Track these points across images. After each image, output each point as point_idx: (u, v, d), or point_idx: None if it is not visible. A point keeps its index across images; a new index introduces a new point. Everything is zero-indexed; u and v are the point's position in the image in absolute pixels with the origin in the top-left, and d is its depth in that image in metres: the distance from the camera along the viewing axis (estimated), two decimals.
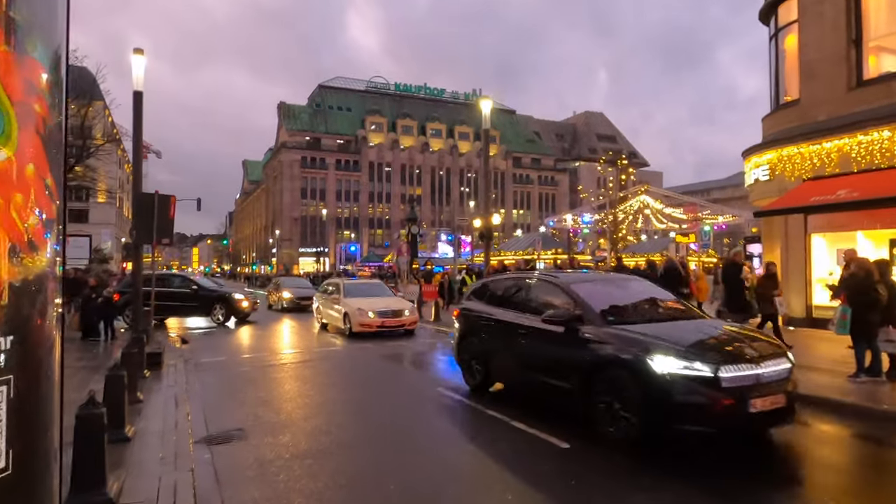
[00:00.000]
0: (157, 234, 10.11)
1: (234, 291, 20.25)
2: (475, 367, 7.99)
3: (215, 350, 13.03)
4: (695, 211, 47.50)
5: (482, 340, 7.88)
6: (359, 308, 14.47)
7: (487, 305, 8.03)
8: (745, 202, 79.28)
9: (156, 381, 8.84)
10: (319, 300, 17.51)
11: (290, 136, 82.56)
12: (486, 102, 17.93)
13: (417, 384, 9.37)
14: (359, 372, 10.74)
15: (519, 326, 7.13)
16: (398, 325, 14.59)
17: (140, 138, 11.79)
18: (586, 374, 5.95)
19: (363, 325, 14.22)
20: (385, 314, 14.56)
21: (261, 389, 8.70)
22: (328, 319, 16.38)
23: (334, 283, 17.21)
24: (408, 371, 10.72)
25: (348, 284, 16.58)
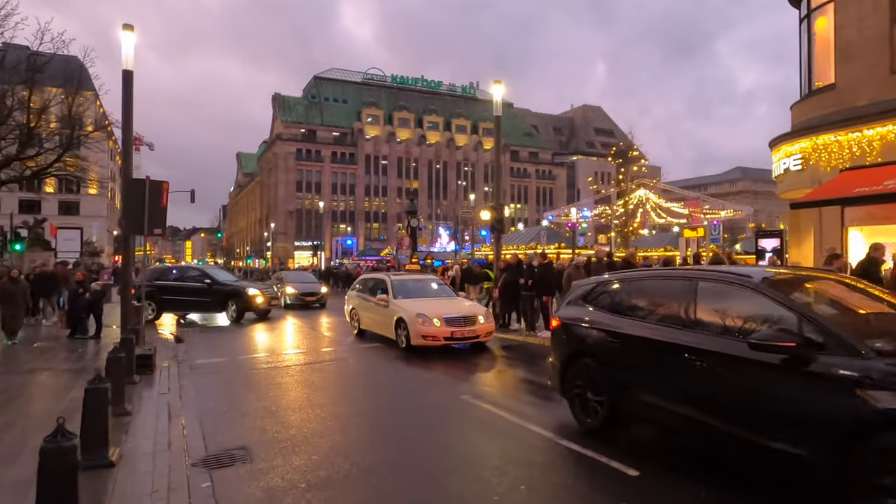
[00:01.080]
0: (148, 224, 9.16)
1: (250, 286, 18.70)
2: (592, 401, 5.81)
3: (213, 350, 12.10)
4: (696, 205, 46.87)
5: (607, 365, 5.69)
6: (419, 314, 11.00)
7: (612, 315, 5.82)
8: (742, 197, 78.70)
9: (146, 387, 7.92)
10: (354, 301, 14.24)
11: (285, 128, 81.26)
12: (497, 88, 17.07)
13: (474, 411, 6.98)
14: (381, 377, 9.84)
15: (684, 349, 4.78)
16: (471, 335, 11.06)
17: (130, 121, 10.83)
18: (843, 437, 3.71)
19: (427, 335, 10.81)
20: (455, 321, 11.00)
21: (265, 397, 7.78)
22: (370, 326, 13.26)
23: (376, 279, 13.76)
24: (439, 380, 9.53)
25: (397, 281, 12.94)
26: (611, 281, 6.32)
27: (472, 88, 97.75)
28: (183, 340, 13.47)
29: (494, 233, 16.79)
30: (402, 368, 10.13)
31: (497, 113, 17.02)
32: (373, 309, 12.94)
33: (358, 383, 9.03)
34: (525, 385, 8.58)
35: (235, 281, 19.31)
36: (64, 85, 27.69)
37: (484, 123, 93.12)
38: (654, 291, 5.70)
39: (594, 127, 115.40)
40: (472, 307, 12.20)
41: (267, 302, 17.54)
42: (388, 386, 8.85)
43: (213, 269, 22.74)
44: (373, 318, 12.99)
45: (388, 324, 11.90)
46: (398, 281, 12.99)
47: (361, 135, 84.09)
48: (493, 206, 17.00)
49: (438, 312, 11.12)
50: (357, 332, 13.74)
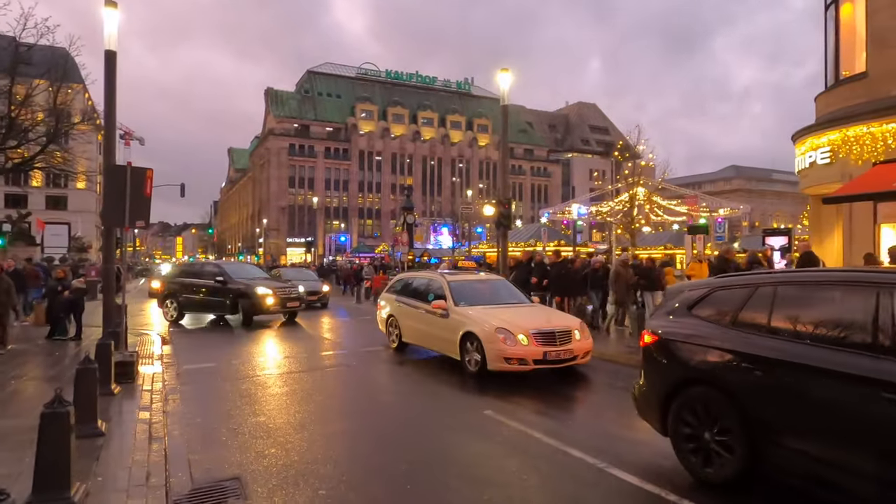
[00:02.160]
0: (129, 216, 8.23)
1: (260, 284, 15.70)
2: (713, 445, 4.34)
3: (203, 354, 11.11)
4: (695, 203, 46.23)
5: (740, 398, 4.20)
6: (500, 328, 8.33)
7: (747, 332, 4.32)
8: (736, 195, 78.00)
9: (126, 399, 7.00)
10: (391, 306, 11.39)
11: (278, 123, 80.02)
12: (504, 76, 16.22)
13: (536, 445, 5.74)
14: (390, 385, 8.98)
15: (880, 384, 3.46)
16: (567, 357, 8.43)
17: (113, 105, 9.90)
18: None
19: (511, 357, 8.14)
20: (547, 338, 8.37)
21: (262, 411, 6.89)
22: (417, 338, 10.51)
23: (426, 281, 10.82)
24: (456, 392, 8.55)
25: (457, 283, 10.16)
26: (742, 286, 4.62)
27: (466, 84, 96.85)
28: (169, 342, 12.56)
29: (501, 228, 15.94)
30: (411, 375, 9.29)
31: (504, 102, 16.20)
32: (422, 318, 10.13)
33: (364, 394, 8.15)
34: (567, 401, 7.61)
35: (252, 279, 16.25)
36: (48, 73, 26.53)
37: (479, 120, 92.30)
38: (822, 302, 4.16)
39: (589, 124, 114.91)
40: (564, 318, 9.51)
41: (280, 303, 15.30)
42: (399, 398, 7.99)
43: (235, 265, 20.64)
44: (422, 329, 10.17)
45: (449, 339, 9.16)
46: (458, 283, 10.16)
47: (355, 130, 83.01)
48: (498, 199, 16.15)
49: (523, 325, 8.41)
50: (397, 345, 11.07)
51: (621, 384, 8.08)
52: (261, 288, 15.26)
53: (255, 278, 16.41)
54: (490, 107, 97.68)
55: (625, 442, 5.67)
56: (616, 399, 7.56)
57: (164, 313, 16.71)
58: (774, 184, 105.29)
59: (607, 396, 7.99)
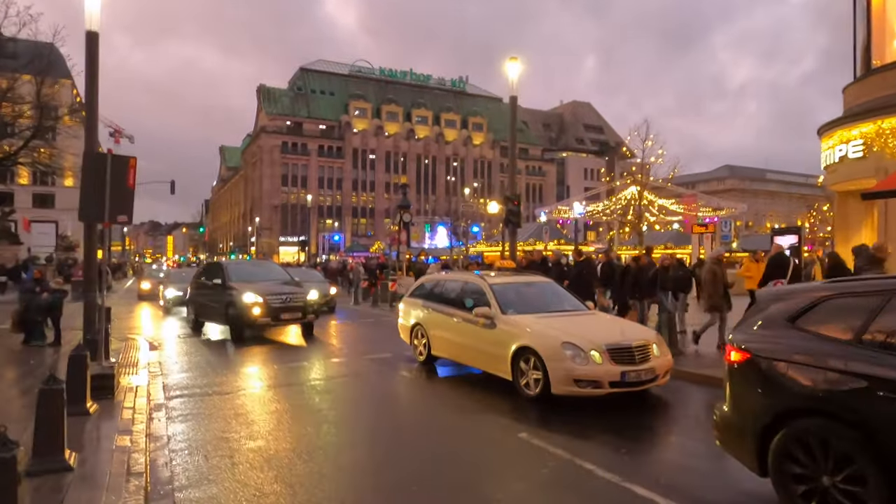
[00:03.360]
0: (110, 210, 7.30)
1: (248, 289, 12.39)
2: (837, 496, 3.44)
3: (195, 361, 10.18)
4: (694, 202, 45.65)
5: (878, 439, 3.27)
6: (567, 342, 6.86)
7: (881, 352, 3.43)
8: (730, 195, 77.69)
9: (104, 420, 6.08)
10: (418, 312, 9.78)
11: (270, 121, 78.87)
12: (513, 65, 15.37)
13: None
14: (406, 401, 8.07)
15: None
16: (648, 378, 6.94)
17: (95, 88, 8.98)
18: None
19: (582, 378, 6.67)
20: (623, 355, 6.89)
21: (261, 433, 6.00)
22: (452, 352, 8.96)
23: (463, 283, 9.23)
24: (481, 408, 7.50)
25: (502, 286, 8.56)
26: (870, 293, 3.67)
27: (461, 83, 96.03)
28: (157, 347, 11.63)
29: (510, 226, 15.11)
30: (426, 388, 8.42)
31: (513, 93, 15.33)
32: (458, 328, 8.58)
33: (377, 411, 7.22)
34: (623, 425, 6.28)
35: (253, 281, 13.17)
36: (31, 64, 25.45)
37: (473, 118, 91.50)
38: None
39: (584, 123, 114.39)
40: (638, 330, 7.92)
41: (268, 314, 12.12)
42: (417, 416, 7.10)
43: (249, 265, 18.92)
44: (459, 342, 8.61)
45: (496, 354, 7.67)
46: (502, 286, 8.56)
47: (349, 128, 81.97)
48: (507, 196, 15.31)
49: (594, 339, 6.93)
50: (425, 358, 9.44)
51: (695, 406, 7.12)
52: (247, 294, 12.05)
53: (260, 281, 13.21)
54: (485, 105, 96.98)
55: (703, 479, 4.79)
56: (688, 424, 6.59)
57: (187, 319, 15.25)
58: (768, 183, 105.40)
59: (676, 420, 6.86)
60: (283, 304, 12.31)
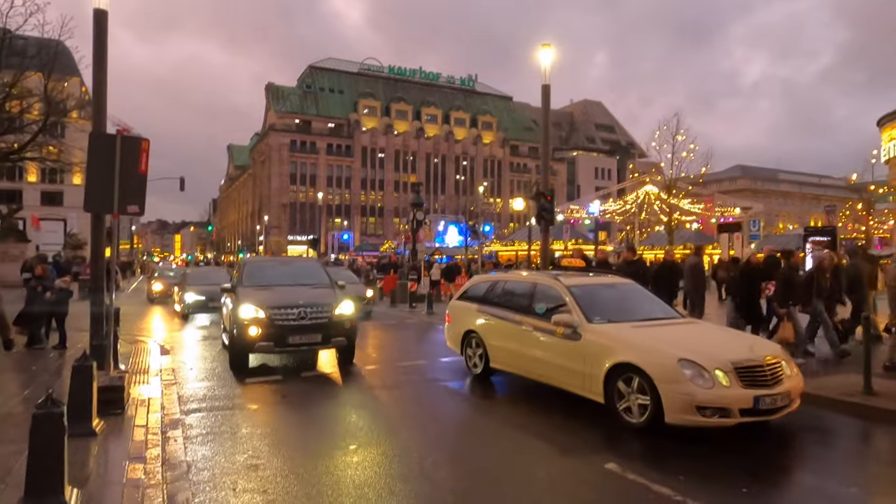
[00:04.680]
0: (119, 199, 6.46)
1: (249, 299, 9.02)
2: None
3: (210, 370, 9.24)
4: (711, 202, 44.60)
5: None
6: (684, 359, 5.61)
7: None
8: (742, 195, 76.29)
9: (112, 443, 5.22)
10: (472, 317, 8.52)
11: (279, 119, 78.20)
12: (546, 52, 14.45)
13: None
14: (462, 419, 7.01)
15: None
16: (783, 403, 5.69)
17: (104, 67, 8.14)
18: None
19: (706, 404, 5.40)
20: (755, 375, 5.62)
21: (293, 458, 5.11)
22: (517, 365, 7.64)
23: (533, 284, 7.91)
24: (555, 437, 6.14)
25: (580, 288, 7.29)
26: None
27: (470, 81, 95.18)
28: (170, 352, 10.78)
29: (542, 223, 14.19)
30: (484, 407, 7.35)
31: (545, 82, 14.40)
32: (527, 338, 7.30)
33: (431, 435, 6.12)
34: (742, 457, 5.20)
35: (266, 286, 9.84)
36: (37, 57, 24.76)
37: (483, 117, 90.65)
38: None
39: (594, 122, 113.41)
40: (764, 344, 6.71)
41: (267, 335, 8.61)
42: (480, 443, 5.97)
43: (271, 263, 13.44)
44: (529, 354, 7.28)
45: (582, 372, 6.38)
46: (582, 288, 7.29)
47: (358, 126, 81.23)
48: (539, 192, 14.39)
49: (716, 356, 5.66)
50: (481, 371, 8.23)
51: (834, 438, 5.94)
52: (245, 307, 8.69)
53: (281, 285, 9.74)
54: (494, 104, 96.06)
55: None
56: (826, 461, 5.42)
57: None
58: (780, 184, 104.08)
59: (809, 456, 5.63)
60: (294, 322, 8.58)
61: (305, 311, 8.67)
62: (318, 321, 8.67)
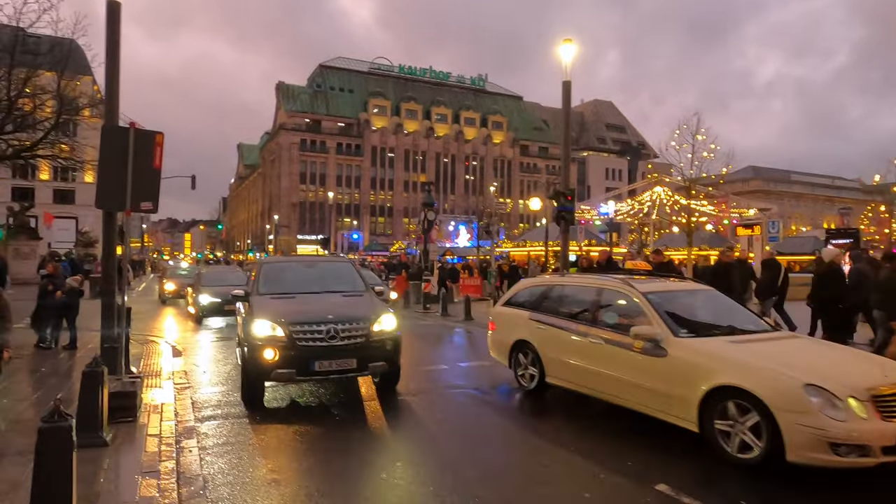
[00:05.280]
0: (132, 195, 6.16)
1: (265, 311, 7.35)
2: None
3: (225, 373, 8.86)
4: (726, 203, 43.92)
5: None
6: (810, 384, 4.65)
7: None
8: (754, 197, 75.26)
9: (125, 455, 4.90)
10: (523, 326, 7.58)
11: (289, 118, 78.18)
12: (567, 47, 14.07)
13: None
14: (502, 436, 6.38)
15: None
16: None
17: (115, 59, 7.84)
18: None
19: (841, 440, 4.43)
20: (893, 403, 4.68)
21: (318, 475, 4.78)
22: (592, 385, 6.53)
23: (599, 289, 6.90)
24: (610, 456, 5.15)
25: (657, 294, 6.35)
26: None
27: (480, 80, 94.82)
28: (182, 353, 10.50)
29: (562, 223, 13.81)
30: (540, 428, 6.23)
31: (566, 78, 14.02)
32: (594, 352, 6.35)
33: (480, 458, 5.35)
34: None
35: (287, 293, 7.99)
36: (50, 53, 24.67)
37: (493, 116, 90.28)
38: None
39: (605, 122, 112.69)
40: (893, 365, 5.43)
41: (288, 361, 6.71)
42: (539, 473, 4.96)
43: (296, 265, 9.08)
44: (597, 370, 6.31)
45: (671, 394, 5.44)
46: (662, 295, 6.33)
47: (368, 126, 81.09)
48: (559, 191, 14.01)
49: (845, 379, 4.77)
50: (535, 386, 7.31)
51: None
52: (259, 322, 6.83)
53: (303, 293, 7.86)
54: (504, 104, 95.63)
55: None
56: None
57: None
58: (792, 185, 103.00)
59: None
60: (323, 343, 6.66)
61: (336, 327, 6.72)
62: (352, 341, 6.79)
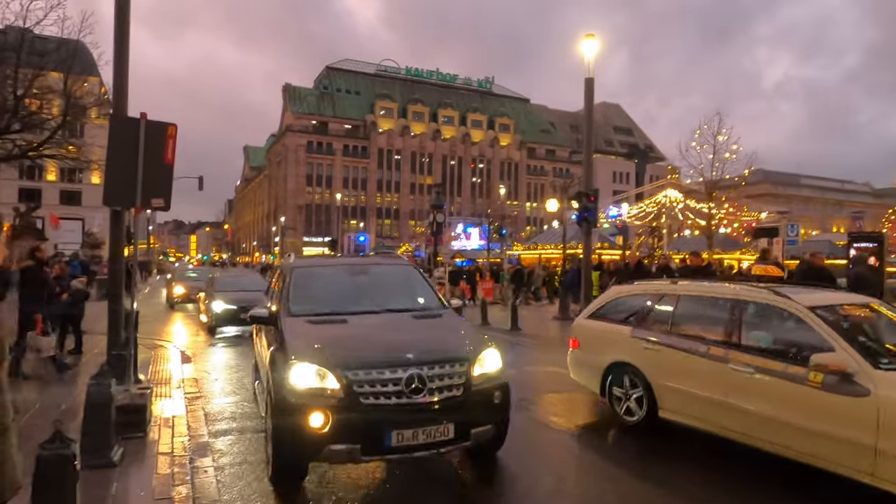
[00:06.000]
0: (143, 191, 5.72)
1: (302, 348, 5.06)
2: None
3: (238, 381, 8.41)
4: (737, 207, 43.34)
5: None
6: None
7: None
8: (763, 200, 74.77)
9: (134, 477, 4.43)
10: (622, 343, 6.25)
11: (296, 120, 77.96)
12: (589, 42, 13.63)
13: None
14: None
15: None
16: None
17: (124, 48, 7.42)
18: None
19: None
20: None
21: (345, 498, 4.31)
22: (735, 425, 5.06)
23: (733, 301, 5.47)
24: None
25: (825, 309, 4.94)
26: None
27: (487, 83, 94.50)
28: (192, 359, 10.05)
29: (584, 225, 13.35)
30: (660, 482, 4.68)
31: (589, 75, 13.60)
32: (741, 383, 4.95)
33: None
34: None
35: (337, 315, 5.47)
36: (56, 52, 24.42)
37: (500, 119, 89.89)
38: None
39: (613, 125, 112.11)
40: None
41: (349, 435, 4.24)
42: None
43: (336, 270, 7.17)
44: (743, 408, 4.92)
45: (866, 447, 4.13)
46: (834, 311, 5.08)
47: (374, 128, 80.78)
48: (582, 192, 13.54)
49: None
50: (642, 421, 5.87)
51: None
52: (300, 366, 4.39)
53: (347, 313, 5.30)
54: (511, 106, 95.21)
55: None
56: None
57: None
58: (801, 189, 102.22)
59: None
60: (399, 397, 4.33)
61: (422, 373, 4.35)
62: (446, 395, 4.42)
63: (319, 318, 5.07)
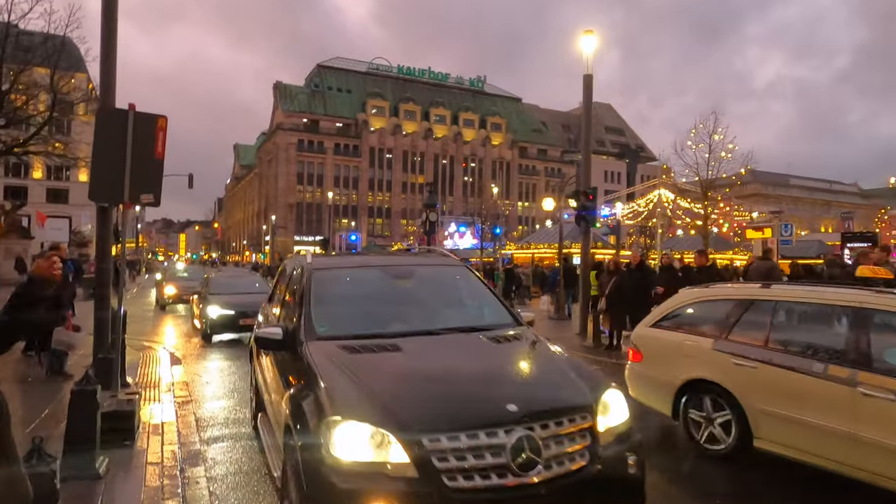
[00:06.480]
0: (131, 186, 5.43)
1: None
2: None
3: (230, 384, 8.16)
4: (729, 206, 43.45)
5: None
6: None
7: None
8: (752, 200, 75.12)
9: (120, 492, 4.15)
10: (709, 357, 5.16)
11: (287, 118, 77.39)
12: (588, 38, 13.43)
13: None
14: None
15: None
16: None
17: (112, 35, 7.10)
18: None
19: None
20: None
21: None
22: (864, 464, 4.07)
23: (856, 306, 4.39)
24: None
25: None
26: None
27: (479, 82, 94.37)
28: (182, 361, 9.75)
29: (582, 224, 13.16)
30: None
31: (588, 72, 13.38)
32: (873, 411, 4.00)
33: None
34: None
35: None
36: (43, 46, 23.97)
37: (492, 118, 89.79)
38: None
39: (604, 125, 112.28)
40: None
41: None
42: None
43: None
44: (878, 443, 3.94)
45: None
46: None
47: (366, 126, 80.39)
48: (580, 191, 13.35)
49: None
50: (731, 447, 4.95)
51: None
52: (344, 425, 2.80)
53: (395, 335, 3.85)
54: (503, 105, 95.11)
55: None
56: None
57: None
58: (790, 189, 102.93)
59: None
60: (503, 475, 2.76)
61: (533, 434, 2.87)
62: (568, 466, 2.95)
63: (360, 344, 3.61)
